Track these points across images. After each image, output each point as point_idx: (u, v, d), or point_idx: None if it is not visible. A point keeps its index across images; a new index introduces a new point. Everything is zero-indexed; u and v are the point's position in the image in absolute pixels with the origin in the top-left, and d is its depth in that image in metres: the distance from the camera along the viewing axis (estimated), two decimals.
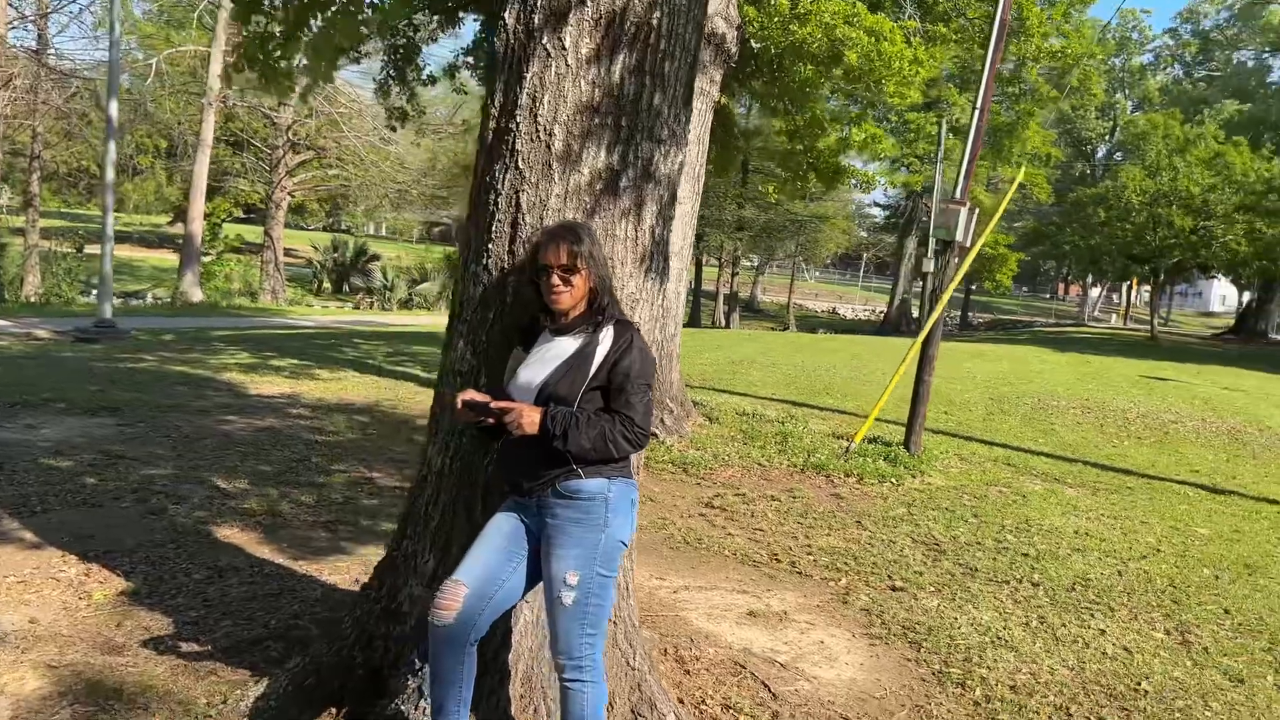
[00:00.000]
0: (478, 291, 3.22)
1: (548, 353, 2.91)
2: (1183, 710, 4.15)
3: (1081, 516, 7.50)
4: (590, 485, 2.83)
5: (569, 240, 2.86)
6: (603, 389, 2.84)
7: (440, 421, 3.37)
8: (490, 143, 3.19)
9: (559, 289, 2.86)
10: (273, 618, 4.33)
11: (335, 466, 7.35)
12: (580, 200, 3.13)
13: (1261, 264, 35.59)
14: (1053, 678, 4.39)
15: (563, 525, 2.83)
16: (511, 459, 2.92)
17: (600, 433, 2.77)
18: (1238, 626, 5.25)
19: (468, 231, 3.34)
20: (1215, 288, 79.21)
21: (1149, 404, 14.47)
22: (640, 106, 3.14)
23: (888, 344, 25.28)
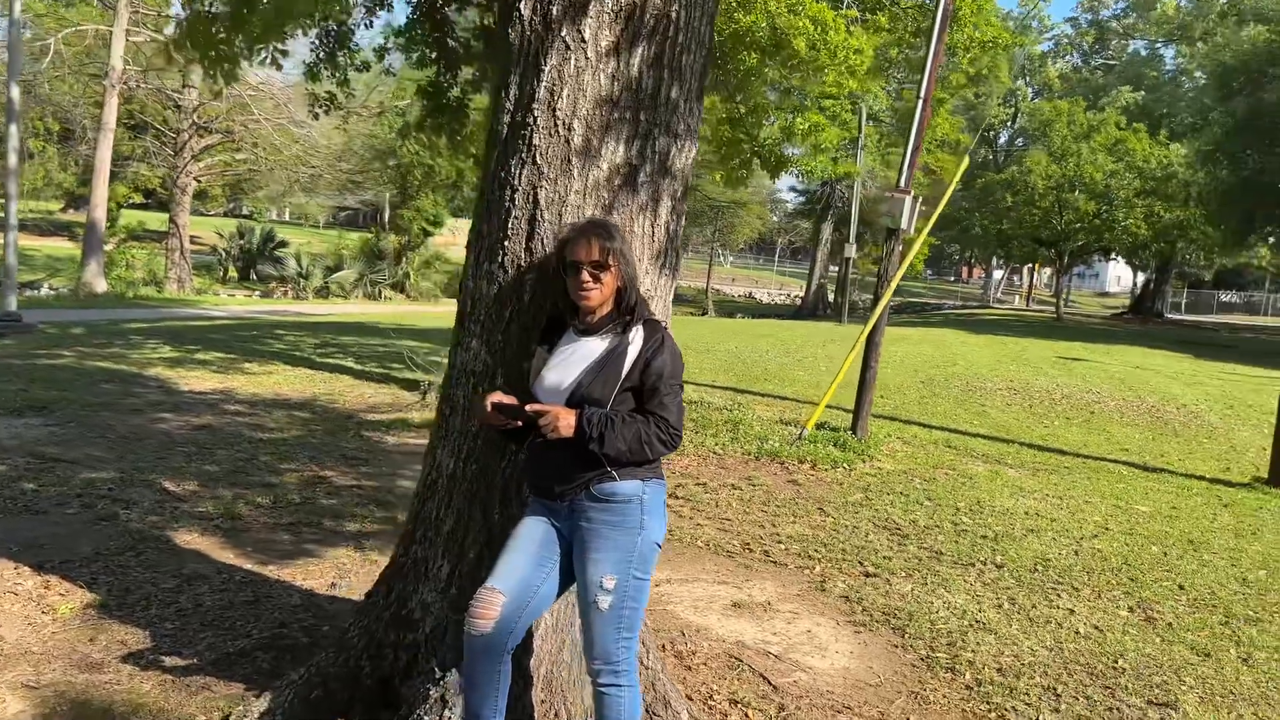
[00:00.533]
0: (492, 290, 3.13)
1: (574, 353, 2.84)
2: (1160, 685, 4.30)
3: (1029, 497, 7.72)
4: (625, 487, 2.78)
5: (601, 236, 2.80)
6: (635, 390, 2.79)
7: (451, 423, 3.28)
8: (505, 137, 3.10)
9: (589, 286, 2.80)
10: (255, 627, 4.17)
11: (285, 465, 7.13)
12: (599, 196, 3.07)
13: (1160, 246, 37.20)
14: (1035, 659, 4.51)
15: (597, 529, 2.77)
16: (541, 462, 2.85)
17: (636, 434, 2.72)
18: (1193, 601, 5.46)
19: (475, 227, 3.24)
20: (1110, 269, 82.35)
21: (1070, 384, 14.98)
22: (659, 100, 3.09)
23: (815, 329, 25.67)
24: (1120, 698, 4.15)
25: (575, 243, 2.82)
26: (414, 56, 10.53)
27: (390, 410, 9.71)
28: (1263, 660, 4.65)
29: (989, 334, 27.42)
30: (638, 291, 2.88)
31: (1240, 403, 14.49)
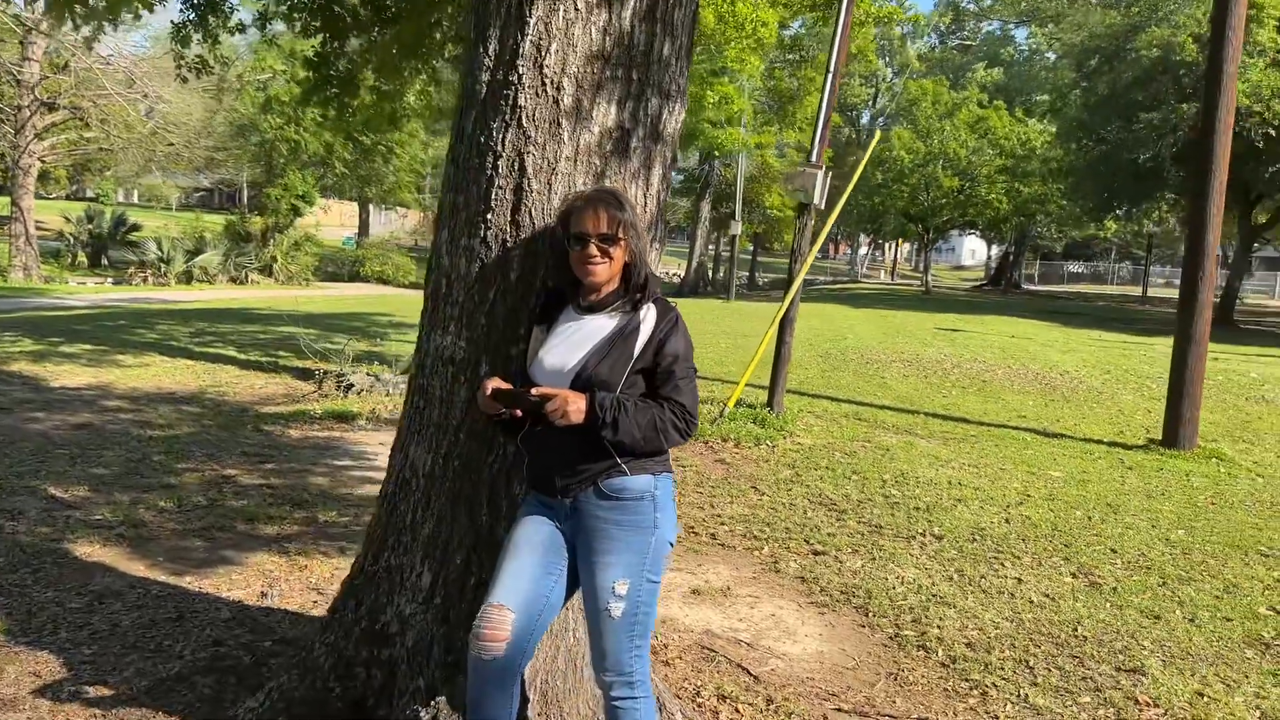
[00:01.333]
0: (473, 268, 2.83)
1: (577, 333, 2.58)
2: (1123, 651, 4.33)
3: (947, 467, 7.82)
4: (637, 482, 2.54)
5: (610, 206, 2.54)
6: (646, 372, 2.55)
7: (426, 417, 2.96)
8: (484, 97, 2.80)
9: (596, 261, 2.54)
10: (186, 646, 3.76)
11: (182, 465, 6.58)
12: (590, 162, 2.80)
13: (1019, 220, 38.84)
14: (999, 631, 4.49)
15: (607, 529, 2.52)
16: (541, 454, 2.58)
17: (651, 421, 2.49)
18: (1128, 564, 5.58)
19: (446, 199, 2.93)
20: (966, 242, 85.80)
21: (956, 354, 15.40)
22: (651, 57, 2.84)
23: (703, 306, 25.74)
24: (1089, 666, 4.16)
25: (581, 213, 2.55)
26: (296, 25, 9.89)
27: (286, 402, 9.14)
28: (1207, 620, 4.75)
29: (867, 308, 28.10)
30: (647, 267, 2.64)
31: (1116, 367, 15.18)
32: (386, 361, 11.01)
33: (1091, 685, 3.97)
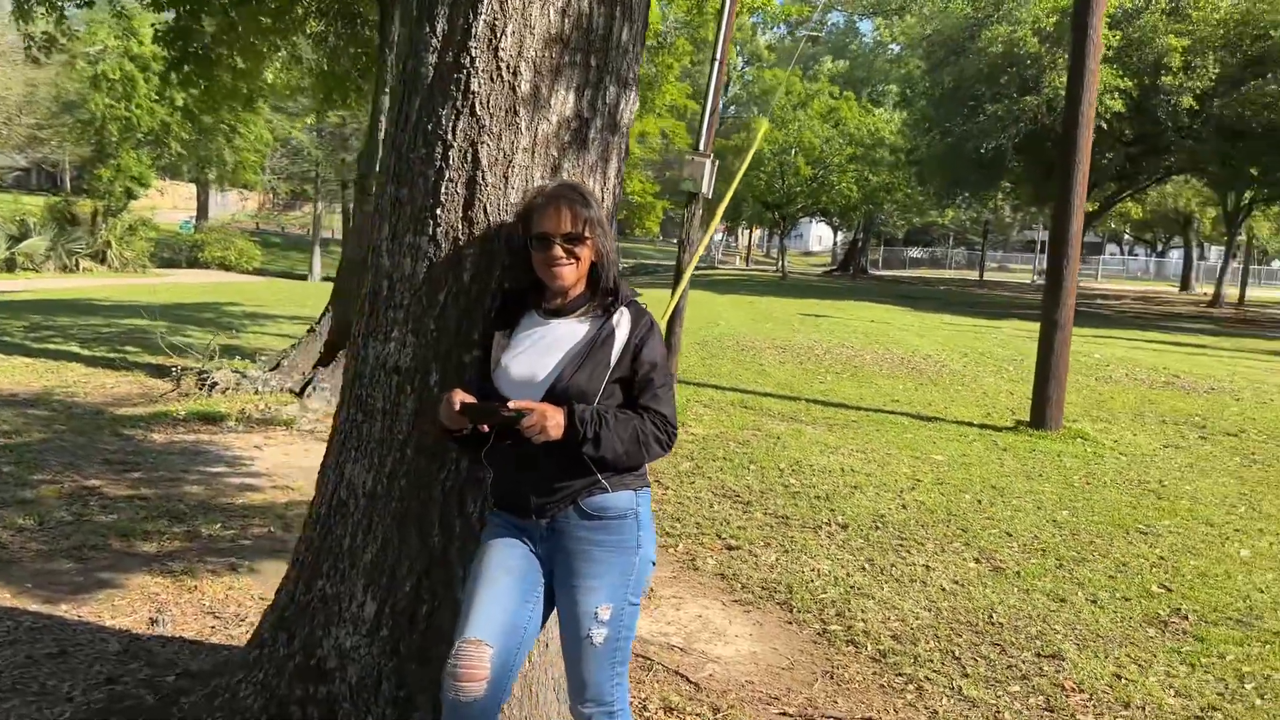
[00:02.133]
0: (420, 268, 2.59)
1: (543, 339, 2.39)
2: (1039, 636, 4.44)
3: (837, 454, 7.92)
4: (619, 500, 2.37)
5: (575, 203, 2.36)
6: (624, 381, 2.39)
7: (367, 431, 2.71)
8: (431, 82, 2.55)
9: (562, 263, 2.35)
10: (75, 686, 3.36)
11: (37, 476, 5.98)
12: (548, 154, 2.61)
13: (868, 208, 40.19)
14: (920, 621, 4.53)
15: (588, 551, 2.35)
16: (513, 472, 2.38)
17: (633, 433, 2.33)
18: (1024, 547, 5.76)
19: (385, 193, 2.68)
20: (813, 229, 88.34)
21: (825, 340, 15.75)
22: (610, 42, 2.66)
23: None
24: (1011, 654, 4.24)
25: (544, 211, 2.36)
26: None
27: (143, 402, 8.49)
28: (1107, 600, 4.93)
29: (731, 294, 28.53)
30: (616, 267, 2.47)
31: (972, 350, 15.85)
32: (248, 356, 10.40)
33: (1018, 673, 4.04)
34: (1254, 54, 23.48)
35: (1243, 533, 6.26)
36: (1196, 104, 23.27)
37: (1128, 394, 12.12)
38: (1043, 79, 23.20)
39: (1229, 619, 4.75)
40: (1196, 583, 5.24)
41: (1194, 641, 4.44)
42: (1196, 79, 22.82)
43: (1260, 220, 41.97)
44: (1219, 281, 38.39)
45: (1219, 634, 4.53)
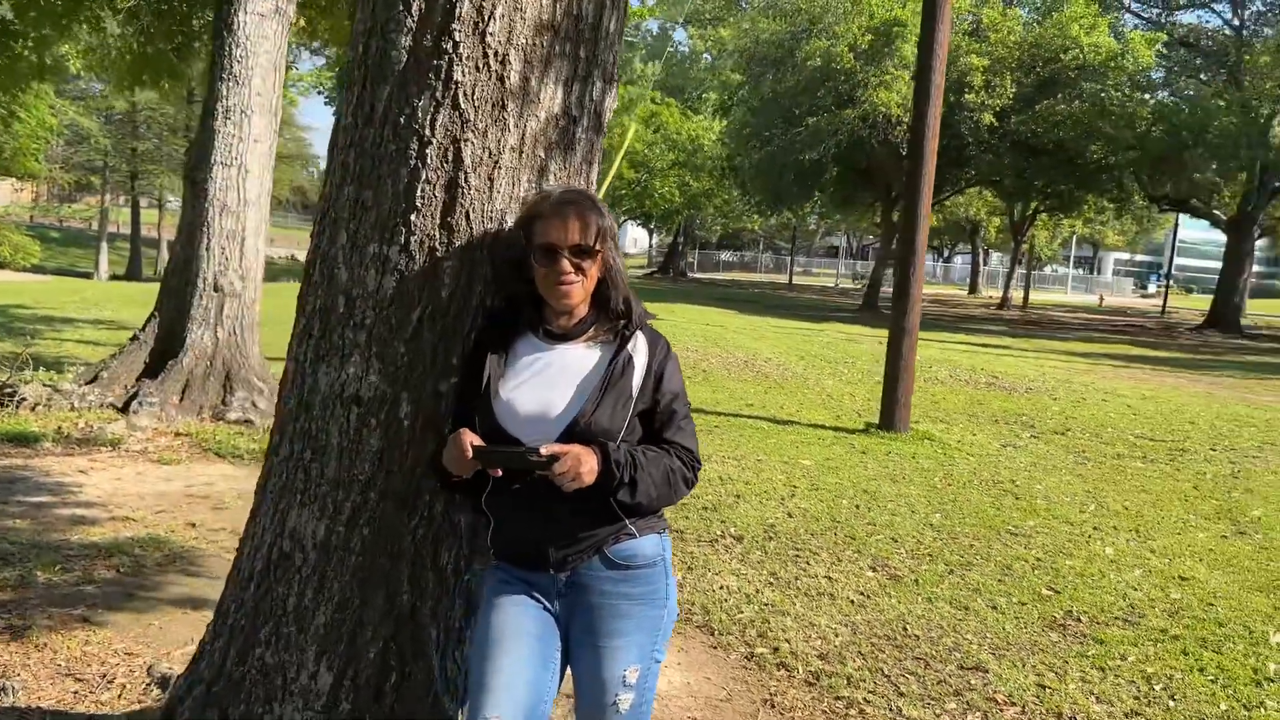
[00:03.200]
0: (388, 284, 2.23)
1: (548, 367, 2.10)
2: (956, 648, 4.45)
3: (710, 462, 7.83)
4: (646, 546, 2.11)
5: (587, 210, 2.08)
6: (645, 414, 2.13)
7: (317, 472, 2.31)
8: (405, 68, 2.20)
9: (570, 279, 2.07)
10: None
11: None
12: (535, 154, 2.31)
13: (689, 213, 40.90)
14: (841, 639, 4.45)
15: (615, 605, 2.07)
16: (523, 520, 2.07)
17: (664, 473, 2.07)
18: (913, 553, 5.82)
19: (343, 194, 2.30)
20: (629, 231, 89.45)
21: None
22: (600, 32, 2.38)
23: None
24: (936, 667, 4.22)
25: (550, 219, 2.06)
26: None
27: None
28: (1005, 605, 5.02)
29: None
30: (627, 284, 2.20)
31: (808, 353, 16.27)
32: (51, 366, 9.32)
33: (949, 689, 4.02)
34: (1046, 75, 25.38)
35: (1100, 530, 6.57)
36: (996, 121, 24.93)
37: (957, 395, 12.71)
38: (858, 94, 24.20)
39: (1117, 619, 4.93)
40: (1077, 583, 5.43)
41: (1095, 644, 4.57)
42: (996, 97, 24.43)
43: (1040, 229, 45.53)
44: (1006, 286, 41.38)
45: (1113, 635, 4.68)
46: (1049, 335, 27.78)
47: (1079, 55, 24.76)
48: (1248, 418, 12.03)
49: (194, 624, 4.11)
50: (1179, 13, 35.28)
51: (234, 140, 7.65)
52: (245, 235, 7.84)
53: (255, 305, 8.07)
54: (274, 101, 7.89)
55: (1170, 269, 48.28)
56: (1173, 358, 22.11)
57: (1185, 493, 7.80)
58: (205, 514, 5.61)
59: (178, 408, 7.51)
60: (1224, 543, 6.40)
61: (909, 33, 23.92)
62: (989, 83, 24.39)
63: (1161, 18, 35.07)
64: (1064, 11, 25.28)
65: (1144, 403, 12.91)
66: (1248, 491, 7.92)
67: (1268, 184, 29.27)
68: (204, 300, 7.72)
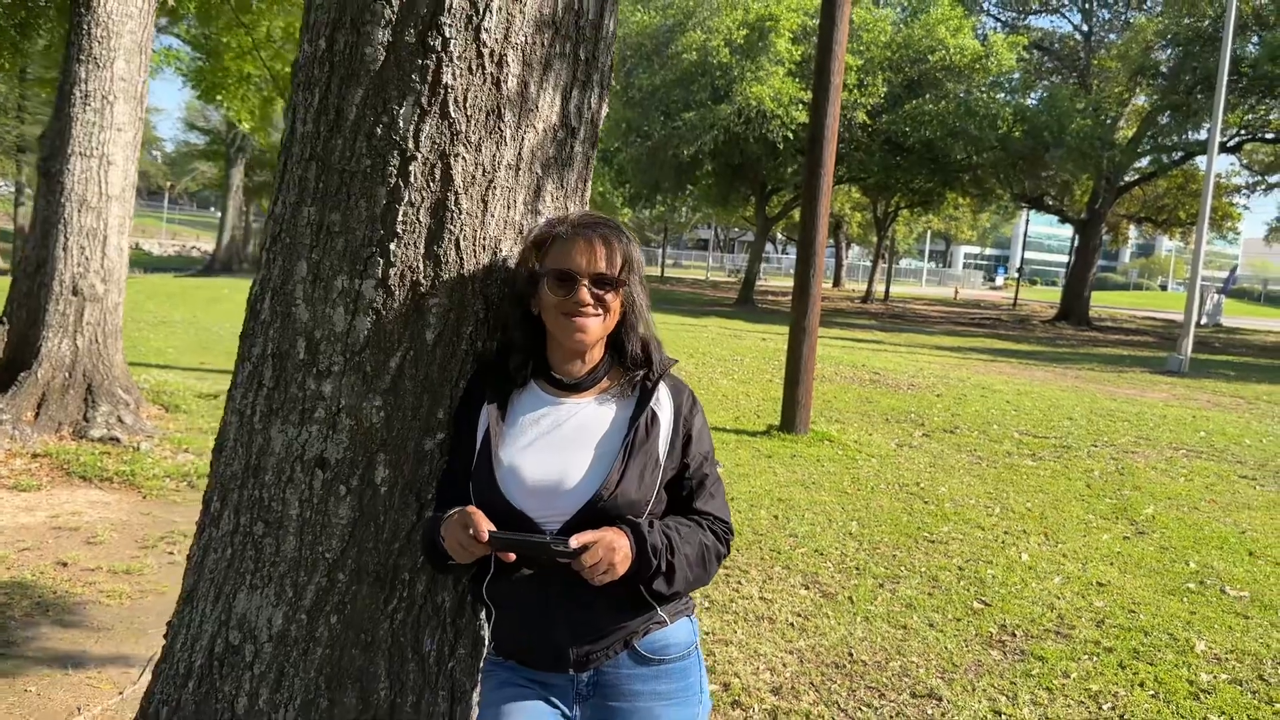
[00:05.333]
0: (362, 324, 1.87)
1: (560, 425, 1.79)
2: (904, 672, 4.32)
3: None
4: (679, 634, 1.83)
5: (612, 235, 1.78)
6: (672, 480, 1.84)
7: (269, 549, 1.93)
8: (382, 68, 1.83)
9: (588, 312, 1.76)
10: None
11: None
12: (532, 172, 1.98)
13: None
14: (789, 669, 4.27)
15: (648, 709, 1.77)
16: (537, 611, 1.75)
17: (700, 553, 1.79)
18: (840, 568, 5.70)
19: (301, 216, 1.92)
20: None
21: None
22: (601, 32, 2.07)
23: None
24: (890, 697, 4.08)
25: (570, 242, 1.76)
26: None
27: None
28: (941, 623, 4.95)
29: None
30: (650, 326, 1.90)
31: (696, 351, 16.19)
32: None
33: (905, 716, 3.88)
34: (914, 76, 26.08)
35: (1012, 535, 6.63)
36: (868, 119, 25.46)
37: (846, 393, 12.83)
38: (734, 89, 24.30)
39: (1049, 631, 4.91)
40: (1003, 593, 5.41)
41: (1036, 662, 4.52)
42: (867, 96, 24.95)
43: (900, 224, 47.08)
44: (870, 280, 42.58)
45: (1051, 650, 4.65)
46: (915, 329, 28.67)
47: (945, 56, 25.56)
48: (1118, 412, 12.56)
49: (77, 688, 3.61)
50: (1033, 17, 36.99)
51: (94, 129, 6.92)
52: (107, 233, 7.12)
53: (118, 310, 7.35)
54: (139, 87, 7.18)
55: (1021, 263, 50.72)
56: (1034, 351, 23.10)
57: (1080, 492, 7.99)
58: (76, 550, 5.00)
59: (33, 425, 6.76)
60: (1128, 544, 6.53)
61: (782, 27, 24.17)
62: (861, 81, 24.88)
63: (1017, 21, 36.67)
64: (931, 13, 26.03)
65: (1021, 398, 13.32)
66: (1136, 489, 8.17)
67: (1114, 183, 30.97)
68: (61, 305, 6.97)
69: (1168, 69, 28.05)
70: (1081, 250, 33.39)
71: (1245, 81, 25.51)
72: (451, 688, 2.03)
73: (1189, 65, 26.20)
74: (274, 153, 38.34)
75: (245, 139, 36.03)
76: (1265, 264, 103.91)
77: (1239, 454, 9.98)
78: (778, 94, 23.99)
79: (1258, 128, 30.16)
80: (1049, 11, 36.35)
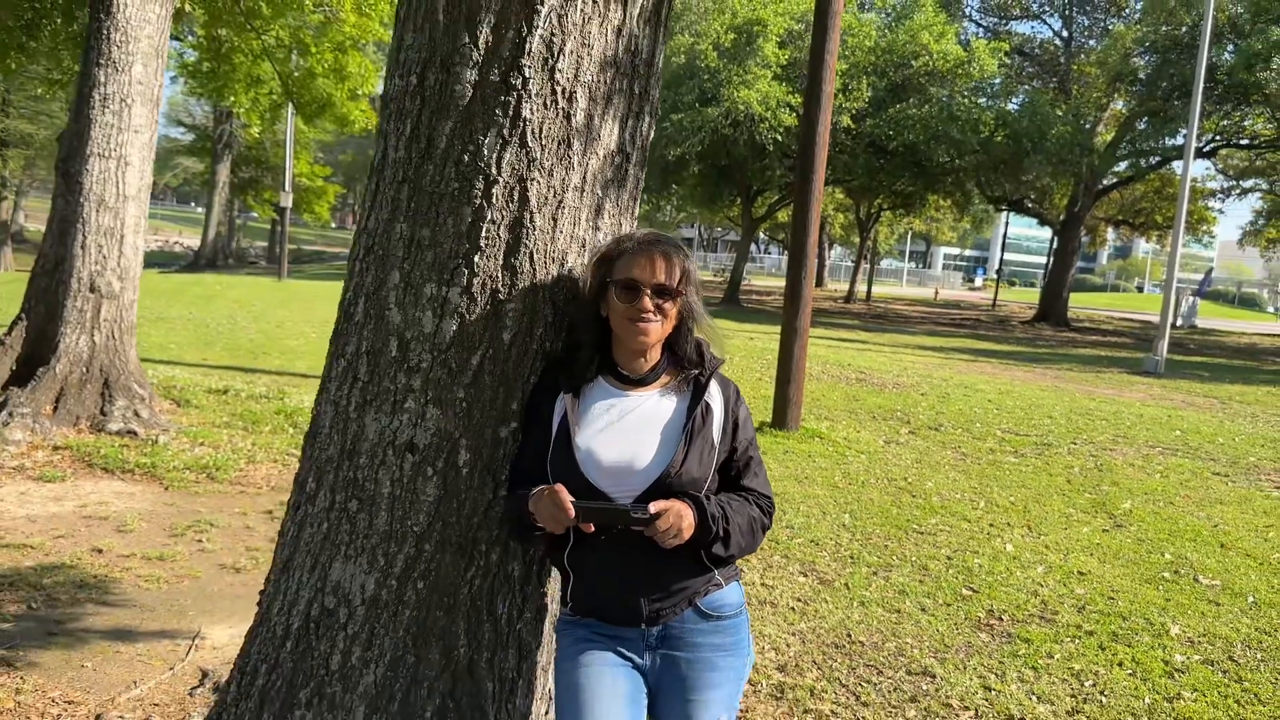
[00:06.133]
0: (448, 327, 2.13)
1: (628, 415, 2.06)
2: (900, 652, 4.62)
3: None
4: (733, 595, 2.12)
5: (672, 252, 2.05)
6: (724, 462, 2.12)
7: (365, 523, 2.19)
8: (470, 103, 2.10)
9: (649, 317, 2.04)
10: None
11: None
12: (594, 193, 2.25)
13: None
14: (792, 650, 4.55)
15: (706, 658, 2.06)
16: (615, 574, 2.03)
17: (750, 523, 2.08)
18: (835, 557, 5.99)
19: (394, 231, 2.18)
20: None
21: None
22: (652, 67, 2.34)
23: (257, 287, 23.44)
24: (888, 674, 4.37)
25: (634, 257, 2.03)
26: None
27: None
28: (933, 608, 5.25)
29: None
30: (708, 325, 2.18)
31: None
32: None
33: (905, 695, 4.17)
34: (897, 80, 26.48)
35: (995, 527, 6.95)
36: (853, 123, 25.85)
37: (834, 392, 13.16)
38: (722, 92, 24.62)
39: (1034, 616, 5.22)
40: (990, 581, 5.72)
41: (1022, 644, 4.82)
42: (852, 100, 25.32)
43: (882, 225, 47.54)
44: (853, 280, 43.00)
45: (1036, 633, 4.96)
46: (897, 329, 29.09)
47: (929, 61, 25.98)
48: (1096, 411, 12.94)
49: (129, 663, 3.85)
50: (1014, 22, 37.54)
51: (113, 130, 7.13)
52: (124, 232, 7.33)
53: (133, 307, 7.56)
54: (156, 90, 7.40)
55: (1001, 264, 51.30)
56: (1014, 351, 23.54)
57: (1061, 487, 8.33)
58: (109, 538, 5.23)
59: (51, 419, 6.96)
60: (1106, 536, 6.86)
61: (769, 32, 24.51)
62: (846, 85, 25.25)
63: (999, 27, 37.21)
64: (915, 19, 26.45)
65: (1003, 397, 13.69)
66: (1114, 484, 8.52)
67: (1092, 187, 31.51)
68: (79, 302, 7.18)
69: (1146, 75, 28.59)
70: (1060, 252, 33.92)
71: (1221, 89, 26.07)
72: (519, 646, 2.30)
73: (1166, 72, 26.75)
74: (259, 149, 38.36)
75: (232, 135, 36.04)
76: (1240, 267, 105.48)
77: (1212, 452, 10.36)
78: (765, 97, 24.33)
79: (1232, 133, 30.80)
80: (1030, 17, 36.93)
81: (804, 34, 26.15)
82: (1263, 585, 5.93)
